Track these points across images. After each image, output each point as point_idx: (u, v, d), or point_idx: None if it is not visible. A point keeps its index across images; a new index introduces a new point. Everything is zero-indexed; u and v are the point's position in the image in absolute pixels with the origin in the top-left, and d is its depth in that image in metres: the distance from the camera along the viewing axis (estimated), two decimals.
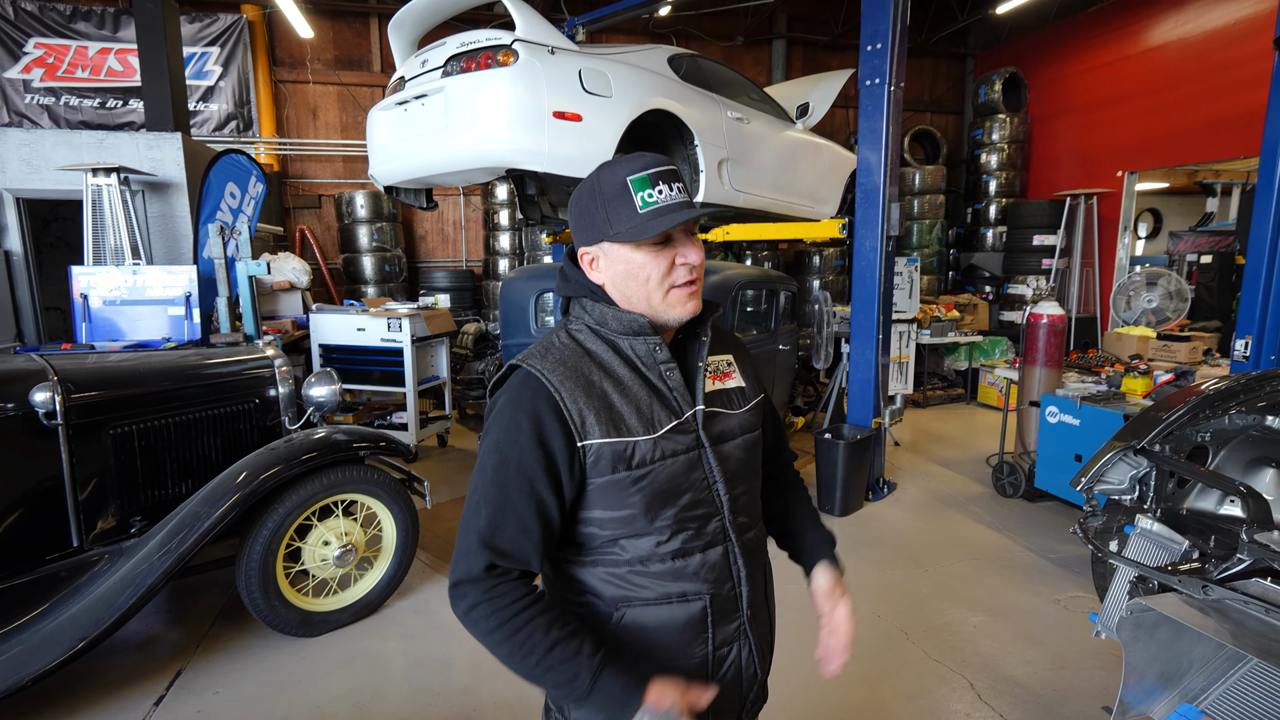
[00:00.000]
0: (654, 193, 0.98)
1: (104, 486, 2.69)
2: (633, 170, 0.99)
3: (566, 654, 0.94)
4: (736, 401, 1.13)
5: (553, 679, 0.94)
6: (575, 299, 1.09)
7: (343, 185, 8.66)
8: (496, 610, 0.95)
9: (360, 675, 2.69)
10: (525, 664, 0.95)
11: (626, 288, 1.03)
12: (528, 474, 0.96)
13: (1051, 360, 4.39)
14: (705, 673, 1.07)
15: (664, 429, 1.01)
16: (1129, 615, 1.35)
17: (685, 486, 1.02)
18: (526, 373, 1.00)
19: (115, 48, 7.58)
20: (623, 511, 1.00)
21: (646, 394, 1.02)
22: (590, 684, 0.94)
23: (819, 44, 10.04)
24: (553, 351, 1.02)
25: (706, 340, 1.09)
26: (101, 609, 2.38)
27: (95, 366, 2.80)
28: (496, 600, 0.95)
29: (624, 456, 0.98)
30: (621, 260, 1.02)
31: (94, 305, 4.49)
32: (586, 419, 0.98)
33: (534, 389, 0.98)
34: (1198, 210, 9.81)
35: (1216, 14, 7.48)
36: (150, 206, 5.60)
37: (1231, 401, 1.90)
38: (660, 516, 1.01)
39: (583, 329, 1.06)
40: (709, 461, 1.05)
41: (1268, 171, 3.35)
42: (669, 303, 1.02)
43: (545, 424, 0.97)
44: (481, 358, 6.78)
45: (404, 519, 3.14)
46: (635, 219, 0.98)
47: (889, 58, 4.04)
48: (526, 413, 0.97)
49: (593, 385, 1.00)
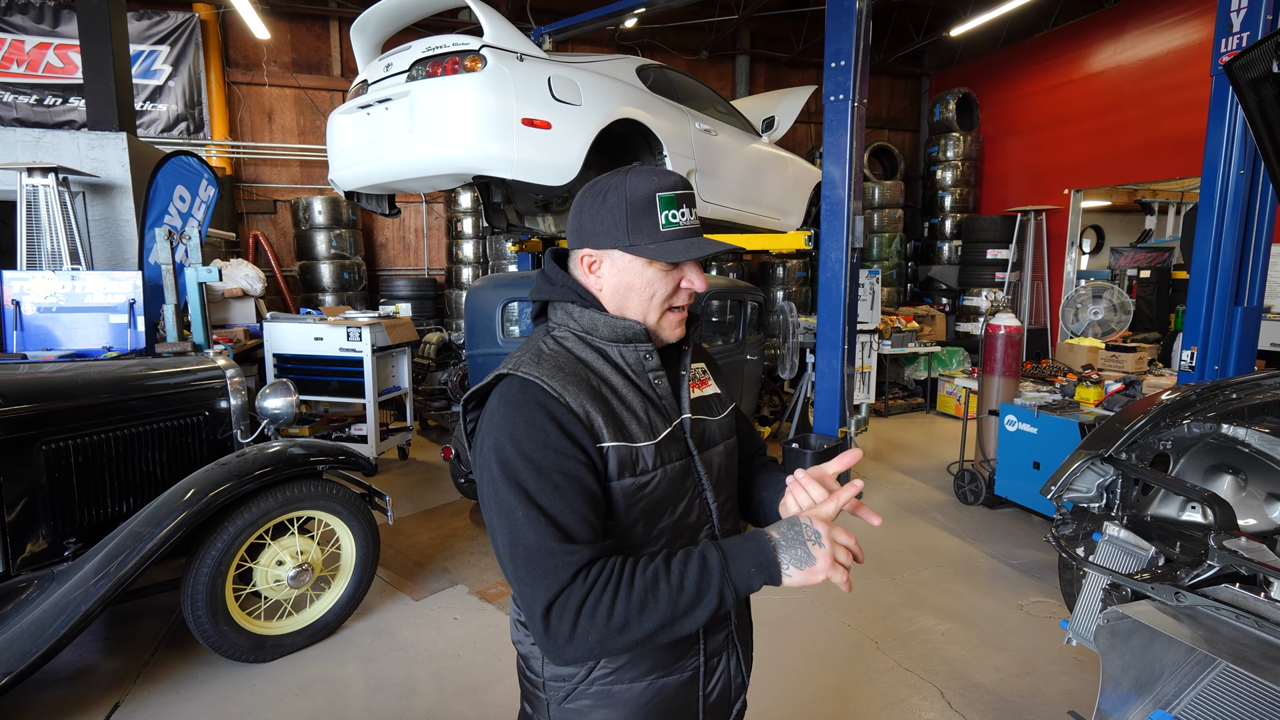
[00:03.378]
0: (677, 214, 0.97)
1: (34, 506, 2.50)
2: (662, 186, 0.97)
3: (682, 559, 0.88)
4: (716, 408, 1.13)
5: (689, 585, 0.86)
6: (558, 304, 1.04)
7: (300, 190, 8.40)
8: (607, 584, 0.85)
9: (316, 702, 2.55)
10: (658, 600, 0.84)
11: (625, 299, 1.01)
12: (573, 473, 0.90)
13: (1009, 370, 4.52)
14: (698, 685, 1.05)
15: (661, 435, 1.00)
16: (1106, 624, 1.36)
17: (680, 495, 1.01)
18: (523, 380, 0.94)
19: (55, 43, 7.22)
20: (625, 520, 0.97)
21: (641, 401, 1.00)
22: (720, 554, 0.87)
23: (781, 60, 10.25)
24: (545, 358, 0.97)
25: (689, 349, 1.09)
26: (29, 640, 2.19)
27: (27, 377, 2.62)
28: (599, 581, 0.85)
29: (630, 462, 0.95)
30: (631, 272, 0.99)
31: (27, 312, 4.22)
32: (595, 421, 0.93)
33: (538, 395, 0.93)
34: (1137, 227, 10.32)
35: (1153, 43, 7.92)
36: (92, 209, 5.31)
37: (1189, 410, 1.97)
38: (657, 527, 0.99)
39: (569, 335, 1.02)
40: (698, 469, 1.04)
41: (1208, 191, 3.52)
42: (662, 324, 1.02)
43: (567, 424, 0.91)
44: (444, 368, 6.63)
45: (364, 536, 3.01)
46: (657, 236, 0.96)
47: (852, 74, 4.13)
48: (543, 415, 0.91)
49: (594, 390, 0.96)
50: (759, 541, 0.88)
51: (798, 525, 0.88)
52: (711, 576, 0.86)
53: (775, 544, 0.87)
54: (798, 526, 0.88)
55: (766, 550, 0.87)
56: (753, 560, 0.87)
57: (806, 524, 0.88)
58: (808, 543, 0.86)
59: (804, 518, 0.89)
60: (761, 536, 0.88)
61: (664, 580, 0.86)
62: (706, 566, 0.87)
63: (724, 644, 1.09)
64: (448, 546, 3.97)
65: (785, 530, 0.88)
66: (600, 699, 1.01)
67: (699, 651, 1.05)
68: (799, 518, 0.89)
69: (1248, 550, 1.36)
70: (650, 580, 0.86)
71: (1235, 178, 3.43)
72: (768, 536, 0.88)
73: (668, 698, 1.03)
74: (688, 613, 0.85)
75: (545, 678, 1.03)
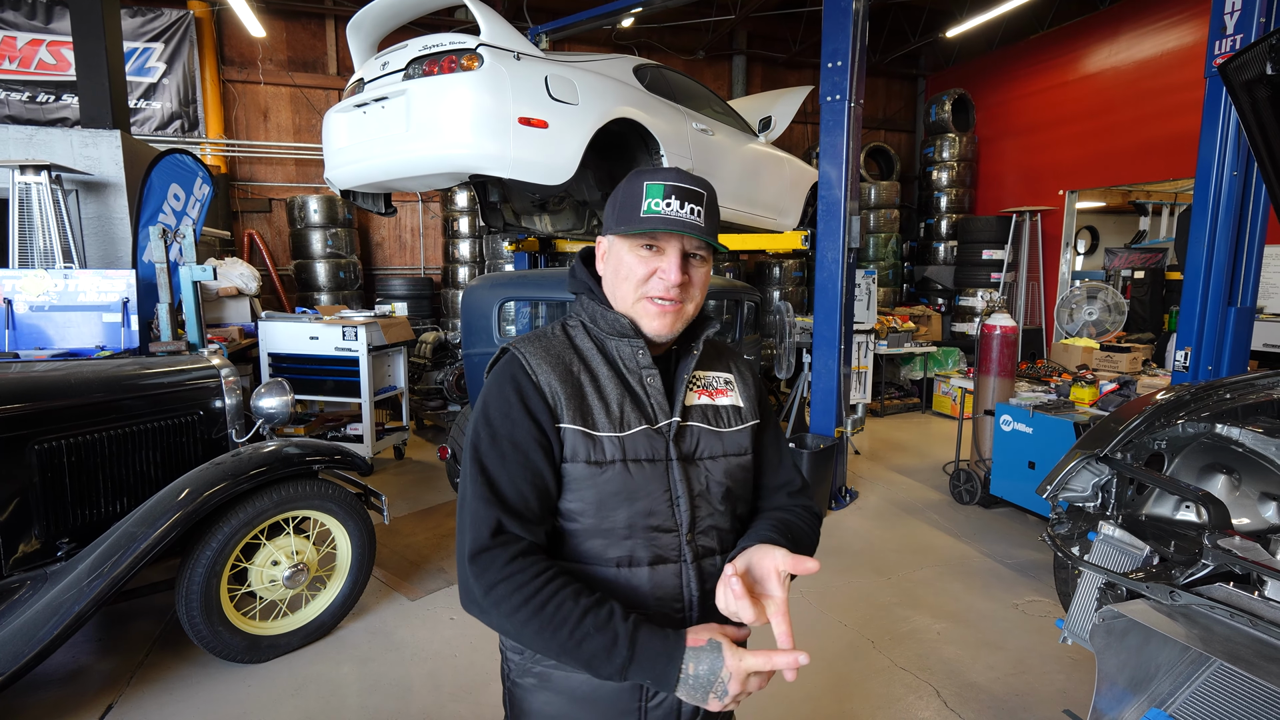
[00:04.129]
0: (661, 202, 0.99)
1: (27, 506, 2.48)
2: (654, 178, 1.01)
3: (599, 620, 0.89)
4: (727, 420, 1.09)
5: (589, 648, 0.88)
6: (578, 296, 1.13)
7: (295, 189, 8.37)
8: (520, 586, 0.90)
9: (311, 703, 2.55)
10: (557, 638, 0.88)
11: (617, 286, 1.06)
12: (521, 446, 0.97)
13: (1004, 370, 4.53)
14: (639, 694, 1.02)
15: (630, 431, 1.00)
16: (1102, 623, 1.37)
17: (642, 494, 1.00)
18: (511, 354, 1.04)
19: (47, 39, 7.18)
20: (575, 504, 1.00)
21: (619, 394, 1.03)
22: (629, 648, 0.88)
23: (778, 61, 10.26)
24: (541, 339, 1.06)
25: (696, 353, 1.08)
26: (21, 641, 2.18)
27: (19, 376, 2.59)
28: (517, 576, 0.91)
29: (588, 448, 0.99)
30: (615, 256, 1.05)
31: (19, 311, 4.19)
32: (559, 402, 0.99)
33: (516, 367, 1.02)
34: (1131, 228, 10.37)
35: (1146, 45, 7.96)
36: (85, 207, 5.28)
37: (1183, 410, 1.97)
38: (609, 518, 0.99)
39: (577, 325, 1.10)
40: (674, 475, 1.02)
41: (1202, 193, 3.54)
42: (638, 311, 1.03)
43: (529, 398, 0.99)
44: (440, 367, 6.61)
45: (359, 535, 3.00)
46: (635, 220, 1.00)
47: (849, 75, 4.13)
48: (512, 387, 1.00)
49: (570, 374, 1.02)
50: (670, 665, 0.87)
51: (716, 675, 0.86)
52: (607, 661, 0.88)
53: (682, 679, 0.86)
54: (715, 676, 0.86)
55: (671, 678, 0.87)
56: (652, 675, 0.87)
57: (724, 679, 0.86)
58: (710, 693, 0.86)
59: (726, 670, 0.86)
60: (675, 664, 0.86)
61: (567, 628, 0.88)
62: (611, 652, 0.87)
63: None
64: (444, 546, 3.95)
65: (704, 672, 0.86)
66: (542, 681, 1.04)
67: None
68: (723, 668, 0.86)
69: (1242, 549, 1.37)
70: (558, 619, 0.88)
71: (1229, 179, 3.45)
72: (681, 666, 0.86)
73: (606, 697, 1.01)
74: (572, 663, 0.90)
75: (506, 649, 1.09)
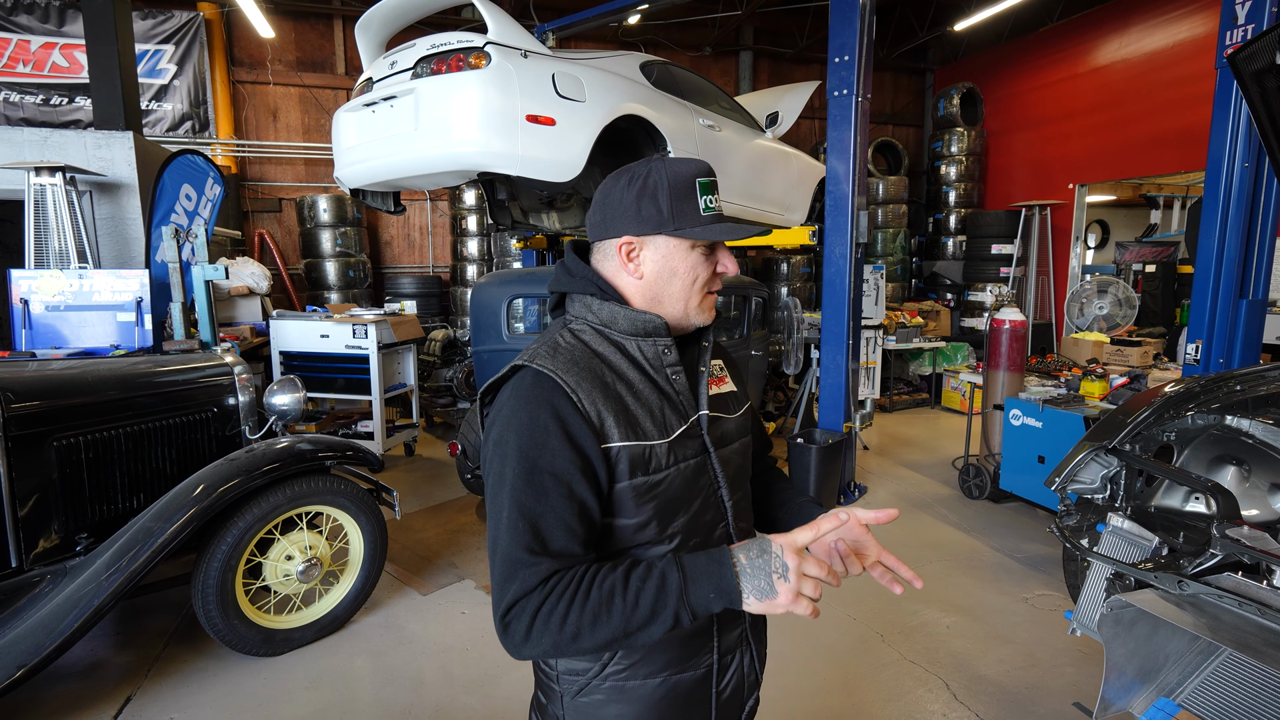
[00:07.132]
0: (713, 200, 0.99)
1: (46, 502, 2.53)
2: (700, 172, 0.99)
3: (643, 572, 0.86)
4: (732, 406, 1.12)
5: (646, 599, 0.84)
6: (576, 296, 1.04)
7: (304, 189, 8.43)
8: (564, 593, 0.85)
9: (326, 695, 2.58)
10: (614, 609, 0.84)
11: (667, 285, 1.00)
12: (564, 477, 0.89)
13: (1014, 365, 4.51)
14: (710, 682, 1.05)
15: (676, 433, 0.99)
16: (1109, 612, 1.37)
17: (695, 493, 1.00)
18: (537, 373, 0.93)
19: (60, 42, 7.25)
20: (637, 519, 0.96)
21: (657, 397, 0.99)
22: (679, 571, 0.85)
23: (784, 56, 10.22)
24: (561, 351, 0.97)
25: (709, 345, 1.08)
26: (43, 634, 2.22)
27: (36, 375, 2.64)
28: (558, 588, 0.85)
29: (642, 460, 0.94)
30: (675, 257, 0.99)
31: (35, 311, 4.25)
32: (605, 420, 0.93)
33: (549, 388, 0.92)
34: (1142, 222, 10.28)
35: (1157, 37, 7.88)
36: (99, 208, 5.34)
37: (1192, 402, 1.97)
38: (672, 525, 0.98)
39: (586, 329, 1.02)
40: (714, 466, 1.03)
41: (1213, 185, 3.51)
42: (702, 307, 1.03)
43: (570, 423, 0.90)
44: (450, 365, 6.65)
45: (372, 531, 3.03)
46: (700, 219, 0.97)
47: (856, 69, 4.12)
48: (549, 413, 0.90)
49: (608, 387, 0.95)
50: (722, 565, 0.84)
51: (768, 553, 0.84)
52: (668, 598, 0.84)
53: (739, 570, 0.84)
54: (767, 555, 0.84)
55: (729, 577, 0.84)
56: (713, 585, 0.84)
57: (777, 554, 0.83)
58: (773, 575, 0.83)
59: (776, 545, 0.84)
60: (726, 559, 0.85)
61: (619, 596, 0.85)
62: (665, 588, 0.84)
63: (738, 641, 1.08)
64: (455, 542, 3.99)
65: (754, 556, 0.84)
66: (614, 694, 1.00)
67: (713, 649, 1.05)
68: (771, 544, 0.84)
69: (1250, 539, 1.37)
70: (606, 595, 0.85)
71: (1240, 171, 3.42)
72: (733, 560, 0.84)
73: (681, 694, 1.03)
74: (641, 629, 0.85)
75: (559, 671, 1.03)
